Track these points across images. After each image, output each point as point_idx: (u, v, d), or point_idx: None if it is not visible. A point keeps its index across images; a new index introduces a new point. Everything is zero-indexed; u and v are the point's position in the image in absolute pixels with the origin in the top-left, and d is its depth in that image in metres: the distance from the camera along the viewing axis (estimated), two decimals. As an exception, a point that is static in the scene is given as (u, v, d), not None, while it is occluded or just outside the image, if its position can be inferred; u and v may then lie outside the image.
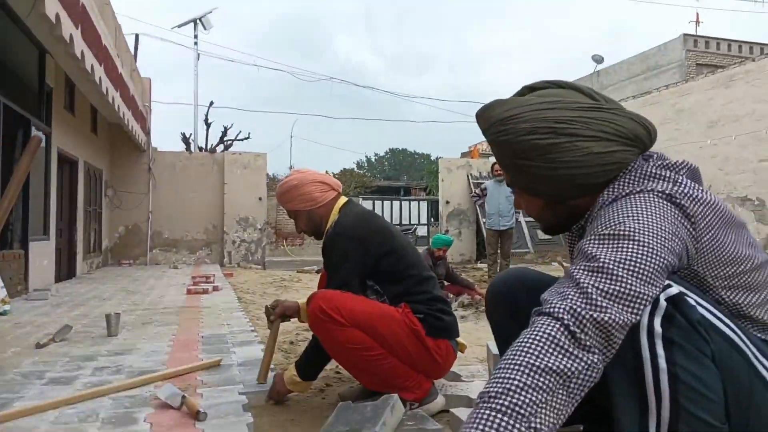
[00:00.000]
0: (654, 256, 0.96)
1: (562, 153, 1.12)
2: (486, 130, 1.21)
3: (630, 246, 0.97)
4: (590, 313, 0.91)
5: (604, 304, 0.91)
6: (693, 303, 1.01)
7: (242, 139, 23.95)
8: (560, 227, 1.30)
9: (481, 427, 0.82)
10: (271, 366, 2.72)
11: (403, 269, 2.10)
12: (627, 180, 1.15)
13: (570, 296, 0.94)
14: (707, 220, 1.07)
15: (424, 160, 50.37)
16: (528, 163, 1.16)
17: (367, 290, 2.10)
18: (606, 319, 0.90)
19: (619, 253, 0.97)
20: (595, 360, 0.90)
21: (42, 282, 6.88)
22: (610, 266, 0.95)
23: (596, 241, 1.01)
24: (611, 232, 1.01)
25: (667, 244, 0.99)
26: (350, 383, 2.57)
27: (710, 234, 1.07)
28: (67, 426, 1.89)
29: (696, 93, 12.40)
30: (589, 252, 1.00)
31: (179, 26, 19.08)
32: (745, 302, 1.10)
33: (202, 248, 12.33)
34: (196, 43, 19.22)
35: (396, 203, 21.61)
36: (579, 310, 0.91)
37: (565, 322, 0.91)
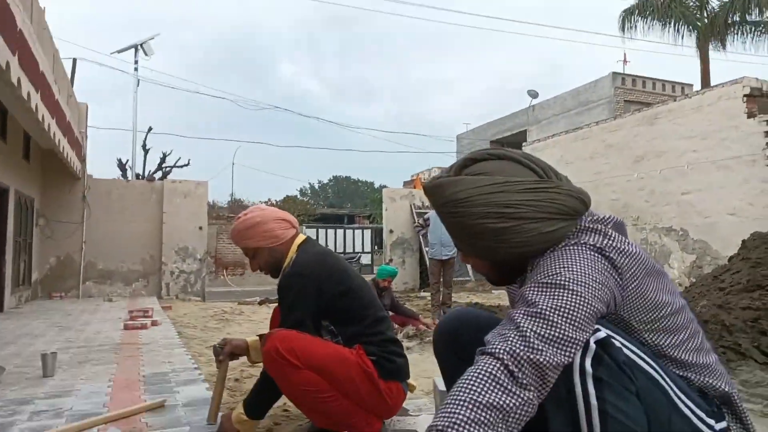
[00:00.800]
0: (585, 305, 1.08)
1: (513, 235, 1.22)
2: (438, 207, 1.29)
3: (565, 295, 1.09)
4: (527, 354, 1.01)
5: (540, 347, 1.02)
6: (619, 345, 1.12)
7: (181, 166, 23.56)
8: (506, 282, 1.41)
9: None
10: (221, 412, 2.71)
11: (358, 310, 2.14)
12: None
13: (510, 338, 1.04)
14: (632, 271, 1.20)
15: (367, 188, 50.68)
16: (480, 242, 1.26)
17: (322, 330, 2.14)
18: (541, 360, 1.01)
19: (556, 300, 1.08)
20: (531, 397, 1.00)
21: (-34, 318, 6.51)
22: (547, 312, 1.06)
23: (535, 289, 1.13)
24: (549, 281, 1.12)
25: (596, 294, 1.11)
26: (299, 421, 2.58)
27: (635, 284, 1.20)
28: (7, 476, 1.83)
29: (623, 129, 13.16)
30: (529, 298, 1.11)
31: (119, 51, 18.70)
32: (665, 343, 1.24)
33: (139, 279, 11.94)
34: (136, 69, 18.89)
35: (340, 231, 21.60)
36: (518, 351, 1.02)
37: (505, 362, 1.01)
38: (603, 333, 1.11)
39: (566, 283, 1.11)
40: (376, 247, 22.25)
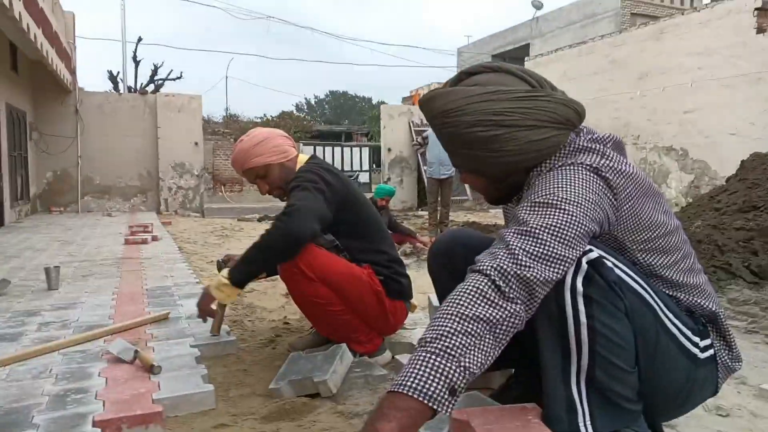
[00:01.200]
0: (576, 224, 1.10)
1: (503, 143, 1.22)
2: (430, 120, 1.29)
3: (556, 214, 1.10)
4: (515, 270, 1.04)
5: (528, 263, 1.05)
6: (611, 265, 1.15)
7: (174, 79, 23.06)
8: (503, 200, 1.42)
9: (417, 367, 0.97)
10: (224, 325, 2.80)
11: (362, 224, 2.19)
12: (561, 153, 1.27)
13: (499, 255, 1.07)
14: (627, 191, 1.21)
15: (365, 104, 49.88)
16: (473, 152, 1.26)
17: (323, 241, 2.16)
18: (528, 275, 1.04)
19: (546, 219, 1.10)
20: (518, 309, 1.04)
21: (-33, 232, 6.57)
22: (537, 231, 1.08)
23: (528, 208, 1.14)
24: (541, 200, 1.14)
25: (589, 214, 1.13)
26: (299, 333, 2.67)
27: (629, 203, 1.21)
28: (21, 383, 1.90)
29: (629, 44, 12.78)
30: (520, 217, 1.13)
31: (103, -45, 17.71)
32: (657, 263, 1.27)
33: (137, 195, 11.97)
34: (122, -25, 17.98)
35: (338, 149, 21.47)
36: (505, 267, 1.05)
37: (492, 277, 1.04)
38: (595, 253, 1.14)
39: (558, 202, 1.12)
40: (374, 166, 22.19)
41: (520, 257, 1.05)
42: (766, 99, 9.94)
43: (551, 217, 1.10)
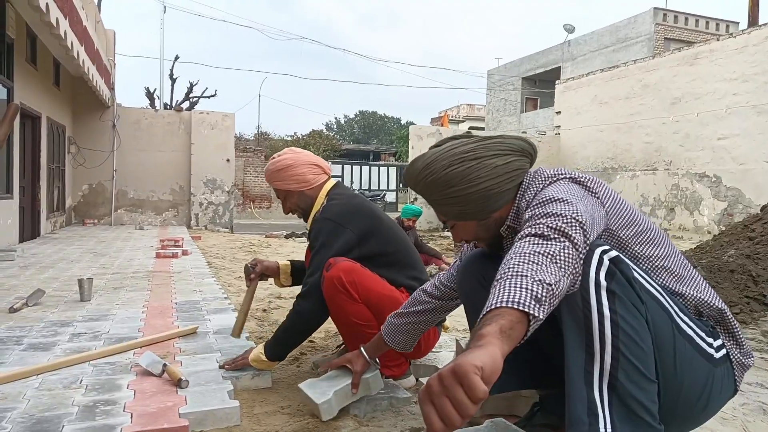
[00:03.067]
0: (578, 204, 1.19)
1: (475, 171, 1.39)
2: (415, 180, 1.46)
3: (559, 202, 1.20)
4: (547, 224, 1.14)
5: (553, 221, 1.14)
6: (630, 264, 1.21)
7: (208, 97, 23.55)
8: (495, 241, 1.50)
9: (497, 291, 1.00)
10: (245, 328, 2.82)
11: (392, 253, 2.18)
12: (537, 184, 1.40)
13: (527, 230, 1.16)
14: (604, 193, 1.32)
15: (394, 124, 50.17)
16: (453, 189, 1.40)
17: None
18: (557, 225, 1.13)
19: (553, 206, 1.19)
20: (566, 244, 1.10)
21: (6, 241, 6.78)
22: (550, 211, 1.17)
23: (532, 209, 1.24)
24: (541, 201, 1.24)
25: (584, 201, 1.24)
26: (324, 352, 2.69)
27: (610, 202, 1.32)
28: (52, 392, 1.95)
29: (662, 69, 12.65)
30: (529, 215, 1.23)
31: (145, -23, 18.33)
32: (657, 254, 1.32)
33: (169, 209, 12.20)
34: (162, -4, 18.58)
35: (365, 168, 21.61)
36: (538, 225, 1.14)
37: (531, 233, 1.13)
38: (614, 252, 1.20)
39: (557, 197, 1.22)
40: (401, 186, 22.25)
41: (545, 221, 1.15)
42: (804, 127, 9.73)
43: (557, 204, 1.20)
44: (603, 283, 1.15)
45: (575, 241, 1.10)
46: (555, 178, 1.36)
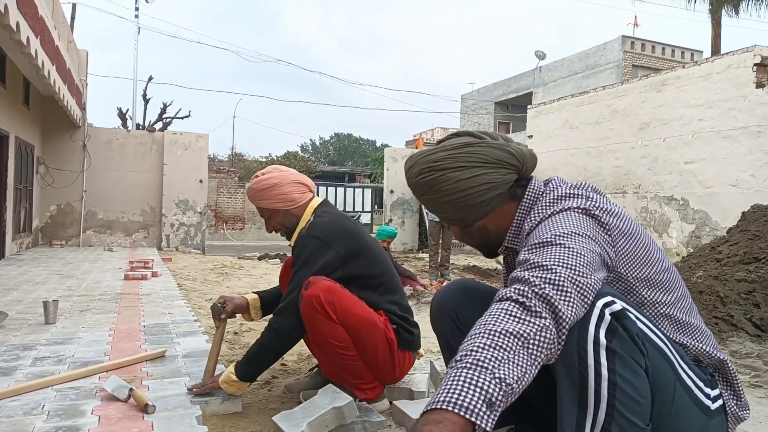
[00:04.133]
0: (578, 255, 1.11)
1: (439, 184, 1.38)
2: (406, 181, 1.49)
3: (558, 249, 1.13)
4: (534, 290, 1.04)
5: (544, 286, 1.04)
6: (633, 318, 1.15)
7: (182, 118, 23.32)
8: (485, 248, 1.50)
9: (452, 382, 0.93)
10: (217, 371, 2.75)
11: (373, 275, 2.15)
12: (545, 203, 1.33)
13: (515, 286, 1.08)
14: (619, 227, 1.25)
15: (369, 147, 50.41)
16: (426, 197, 1.43)
17: None
18: (547, 293, 1.03)
19: (551, 255, 1.12)
20: (548, 324, 1.01)
21: (-33, 263, 6.56)
22: (545, 263, 1.09)
23: (529, 251, 1.17)
24: (540, 242, 1.16)
25: (588, 247, 1.15)
26: (296, 375, 2.64)
27: (624, 239, 1.25)
28: (11, 419, 1.87)
29: (630, 95, 12.99)
30: (524, 258, 1.15)
31: (119, -3, 18.25)
32: (662, 300, 1.28)
33: (139, 230, 11.99)
34: (136, 16, 18.51)
35: (340, 190, 21.59)
36: (524, 290, 1.05)
37: (514, 298, 1.04)
38: (618, 305, 1.14)
39: (558, 239, 1.15)
40: (376, 207, 22.28)
41: (536, 282, 1.06)
42: (766, 152, 10.04)
43: (555, 252, 1.12)
44: (603, 341, 1.10)
45: (562, 317, 1.03)
46: (565, 206, 1.26)
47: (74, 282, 5.58)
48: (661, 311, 1.26)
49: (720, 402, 1.27)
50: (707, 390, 1.25)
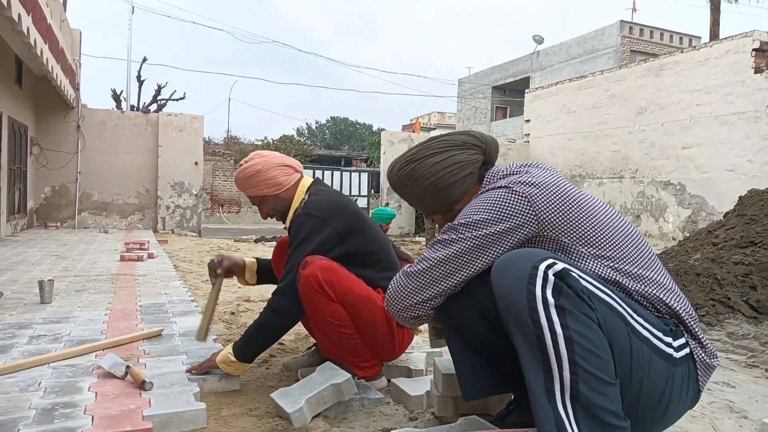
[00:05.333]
0: (453, 257, 1.36)
1: (418, 170, 1.54)
2: (389, 182, 1.64)
3: (448, 233, 1.39)
4: (425, 253, 1.42)
5: (419, 264, 1.42)
6: (576, 276, 1.19)
7: (177, 99, 23.19)
8: None
9: None
10: (211, 330, 2.74)
11: (371, 252, 2.13)
12: (488, 183, 1.50)
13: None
14: (543, 196, 1.33)
15: (365, 131, 50.20)
16: (408, 189, 1.57)
17: None
18: (413, 270, 1.45)
19: (442, 235, 1.40)
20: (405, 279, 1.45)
21: (-39, 243, 6.52)
22: (426, 255, 1.42)
23: (443, 231, 1.42)
24: (450, 225, 1.40)
25: (496, 225, 1.33)
26: (294, 354, 2.64)
27: (550, 207, 1.32)
28: (7, 395, 1.86)
29: (628, 80, 12.93)
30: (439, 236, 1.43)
31: (113, -24, 18.01)
32: (606, 255, 1.32)
33: (135, 213, 11.94)
34: (130, -4, 18.27)
35: (337, 174, 21.53)
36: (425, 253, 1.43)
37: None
38: (560, 265, 1.18)
39: (468, 218, 1.36)
40: (372, 191, 22.25)
41: (420, 260, 1.41)
42: (763, 137, 10.04)
43: (445, 235, 1.39)
44: (551, 300, 1.15)
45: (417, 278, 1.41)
46: (494, 185, 1.41)
47: (70, 263, 5.55)
48: (609, 265, 1.30)
49: (686, 351, 1.29)
50: (667, 339, 1.26)
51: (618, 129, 13.05)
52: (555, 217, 1.31)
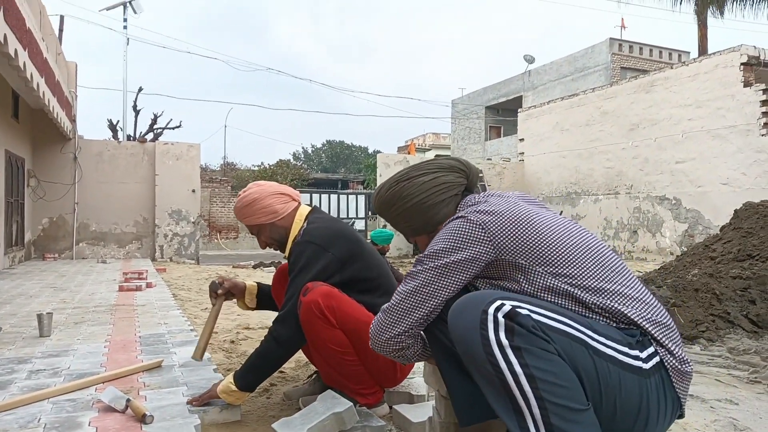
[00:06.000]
0: (420, 288, 1.41)
1: (408, 189, 1.60)
2: (375, 205, 1.69)
3: (417, 266, 1.43)
4: (397, 291, 1.47)
5: (394, 298, 1.46)
6: (526, 312, 1.19)
7: (173, 128, 23.28)
8: None
9: None
10: (210, 357, 2.73)
11: (370, 278, 2.13)
12: (458, 209, 1.56)
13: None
14: (498, 223, 1.37)
15: (361, 153, 50.40)
16: (394, 208, 1.61)
17: None
18: (388, 306, 1.47)
19: (413, 268, 1.45)
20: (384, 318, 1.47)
21: (-41, 278, 6.49)
22: (398, 289, 1.47)
23: (414, 263, 1.47)
24: (418, 257, 1.45)
25: (453, 260, 1.38)
26: (294, 382, 2.62)
27: (504, 233, 1.37)
28: (7, 433, 1.85)
29: (619, 96, 13.07)
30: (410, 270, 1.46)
31: (108, 9, 18.25)
32: (565, 273, 1.33)
33: (132, 242, 11.93)
34: (125, 27, 18.49)
35: (334, 197, 21.57)
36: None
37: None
38: (507, 306, 1.19)
39: (430, 249, 1.41)
40: (369, 213, 22.27)
41: (397, 293, 1.46)
42: (755, 150, 10.12)
43: (416, 267, 1.43)
44: (505, 342, 1.16)
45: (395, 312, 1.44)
46: (458, 214, 1.46)
47: (68, 294, 5.53)
48: (568, 282, 1.31)
49: (656, 359, 1.27)
50: (633, 352, 1.25)
51: (611, 146, 13.15)
52: (510, 242, 1.36)
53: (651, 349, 1.28)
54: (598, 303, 1.30)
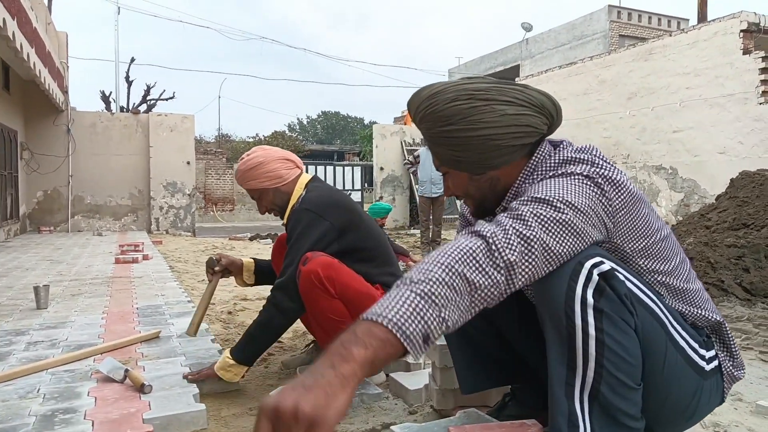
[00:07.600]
0: (569, 225, 1.11)
1: (481, 114, 1.23)
2: (416, 110, 1.31)
3: (550, 210, 1.11)
4: (504, 242, 1.05)
5: (514, 241, 1.06)
6: (622, 278, 1.14)
7: (166, 99, 23.07)
8: (486, 204, 1.38)
9: (401, 304, 0.94)
10: (207, 328, 2.74)
11: (368, 248, 2.13)
12: (549, 165, 1.29)
13: (492, 229, 1.07)
14: (621, 198, 1.20)
15: (357, 124, 50.13)
16: (451, 128, 1.25)
17: None
18: (513, 249, 1.05)
19: (539, 209, 1.11)
20: (499, 280, 1.03)
21: (-46, 251, 6.48)
22: (526, 218, 1.09)
23: (521, 202, 1.15)
24: (538, 196, 1.14)
25: (584, 218, 1.13)
26: (292, 352, 2.65)
27: (624, 210, 1.20)
28: (7, 403, 1.86)
29: (617, 65, 12.94)
30: (513, 207, 1.14)
31: (97, -23, 17.86)
32: (660, 269, 1.26)
33: (128, 214, 11.89)
34: (116, -4, 18.13)
35: (330, 168, 21.48)
36: (497, 238, 1.05)
37: (487, 241, 1.05)
38: (606, 265, 1.12)
39: (554, 201, 1.12)
40: (366, 185, 22.23)
41: (510, 233, 1.06)
42: (753, 119, 10.08)
43: (543, 209, 1.11)
44: (590, 301, 1.10)
45: (514, 279, 1.04)
46: (568, 171, 1.21)
47: (65, 267, 5.53)
48: (658, 279, 1.25)
49: (716, 363, 1.28)
50: (702, 351, 1.25)
51: (609, 115, 13.08)
52: (624, 224, 1.21)
53: (713, 352, 1.28)
54: (680, 308, 1.27)
